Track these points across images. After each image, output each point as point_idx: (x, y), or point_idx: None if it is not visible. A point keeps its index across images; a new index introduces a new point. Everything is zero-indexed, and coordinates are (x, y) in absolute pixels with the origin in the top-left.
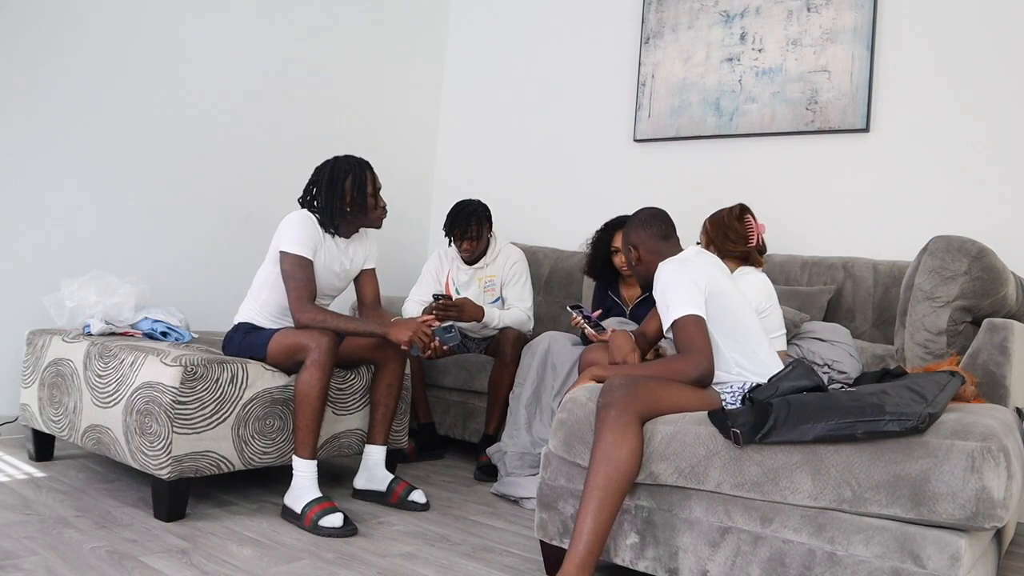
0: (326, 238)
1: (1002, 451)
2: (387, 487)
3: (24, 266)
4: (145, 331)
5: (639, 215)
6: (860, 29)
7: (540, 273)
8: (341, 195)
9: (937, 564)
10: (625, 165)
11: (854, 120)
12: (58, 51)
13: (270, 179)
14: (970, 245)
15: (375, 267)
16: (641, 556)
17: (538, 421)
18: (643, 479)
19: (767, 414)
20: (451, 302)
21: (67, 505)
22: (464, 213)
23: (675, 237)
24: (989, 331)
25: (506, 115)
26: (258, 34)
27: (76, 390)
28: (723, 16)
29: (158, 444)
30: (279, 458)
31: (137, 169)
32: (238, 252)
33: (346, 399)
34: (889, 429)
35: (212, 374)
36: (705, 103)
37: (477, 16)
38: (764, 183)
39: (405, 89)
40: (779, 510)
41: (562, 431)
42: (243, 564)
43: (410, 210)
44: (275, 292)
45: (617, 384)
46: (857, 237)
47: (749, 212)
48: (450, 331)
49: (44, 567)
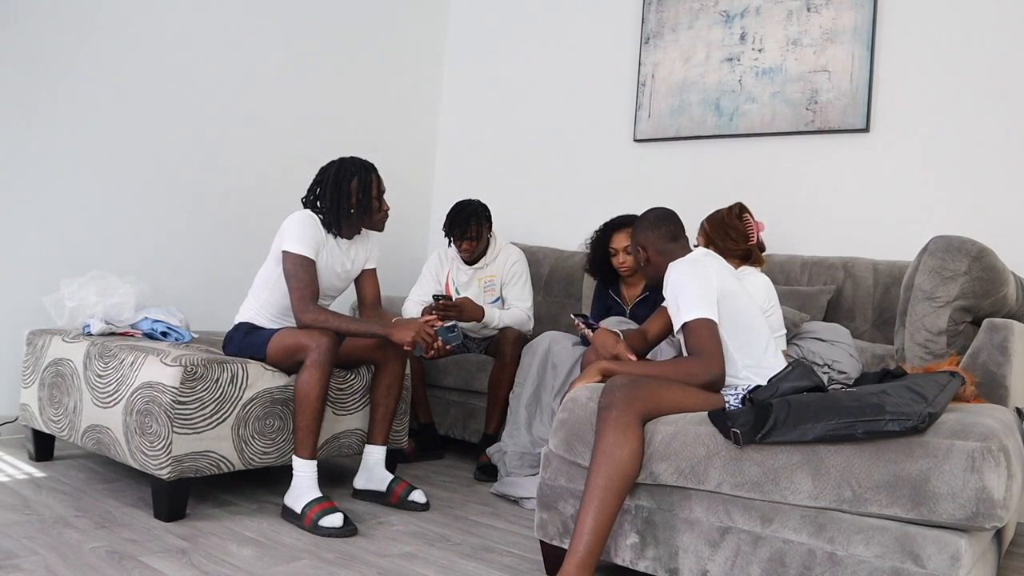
0: (328, 238)
1: (1002, 451)
2: (387, 487)
3: (24, 266)
4: (145, 331)
5: (648, 216)
6: (860, 29)
7: (540, 273)
8: (347, 196)
9: (937, 564)
10: (625, 165)
11: (854, 120)
12: (58, 51)
13: (270, 179)
14: (970, 245)
15: (376, 267)
16: (641, 556)
17: (538, 421)
18: (643, 479)
19: (767, 414)
20: (451, 302)
21: (67, 505)
22: (464, 213)
23: (684, 238)
24: (989, 331)
25: (506, 115)
26: (258, 34)
27: (76, 390)
28: (723, 16)
29: (158, 444)
30: (279, 458)
31: (137, 169)
32: (238, 252)
33: (346, 399)
34: (889, 429)
35: (212, 374)
36: (705, 103)
37: (477, 16)
38: (764, 183)
39: (405, 89)
40: (779, 510)
41: (562, 431)
42: (243, 564)
43: (410, 210)
44: (276, 292)
45: (618, 384)
46: (857, 237)
47: (747, 211)
48: (452, 331)
49: (44, 567)
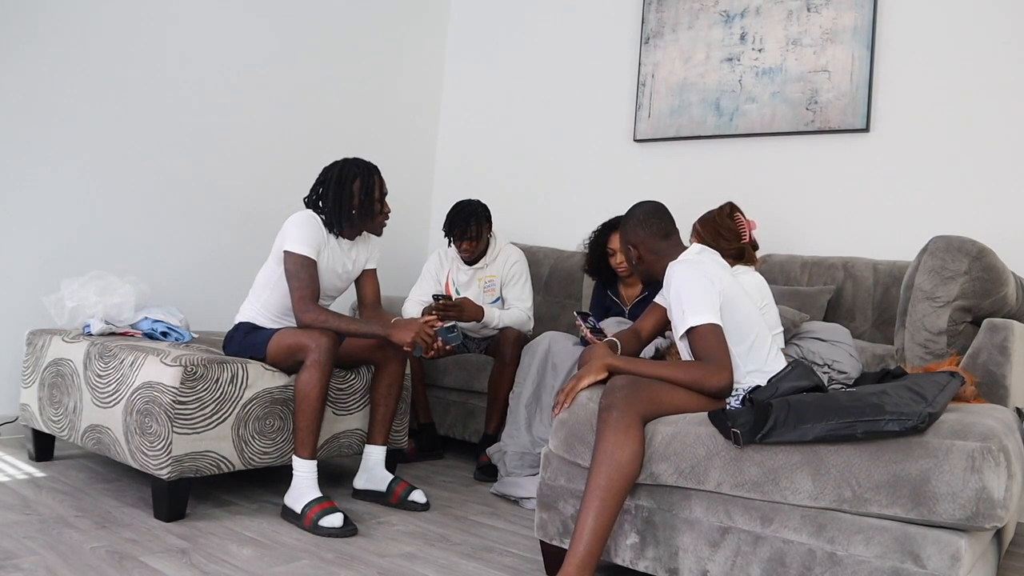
0: (330, 239)
1: (1002, 451)
2: (387, 487)
3: (24, 266)
4: (145, 331)
5: (635, 213)
6: (860, 29)
7: (540, 273)
8: (349, 197)
9: (937, 564)
10: (625, 165)
11: (854, 120)
12: (58, 50)
13: (270, 179)
14: (970, 245)
15: (376, 268)
16: (641, 556)
17: (538, 421)
18: (643, 479)
19: (767, 414)
20: (451, 302)
21: (67, 505)
22: (464, 213)
23: (676, 234)
24: (989, 331)
25: (506, 115)
26: (258, 34)
27: (76, 390)
28: (723, 16)
29: (158, 444)
30: (279, 458)
31: (137, 169)
32: (238, 252)
33: (346, 399)
34: (889, 429)
35: (212, 374)
36: (705, 103)
37: (477, 16)
38: (764, 183)
39: (405, 89)
40: (779, 510)
41: (562, 431)
42: (243, 564)
43: (410, 210)
44: (276, 292)
45: (619, 385)
46: (857, 237)
47: (738, 209)
48: (452, 331)
49: (44, 567)
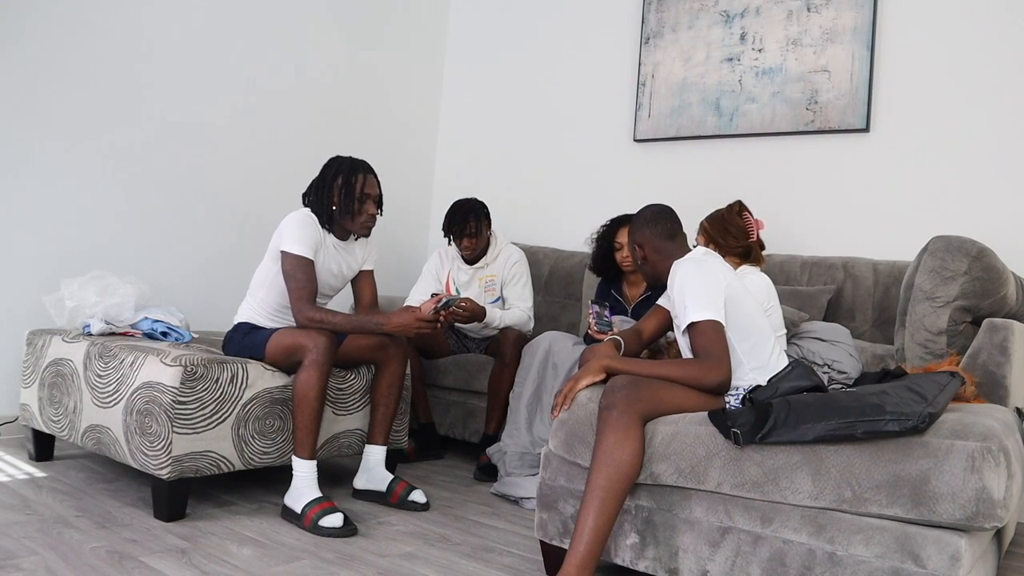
0: (327, 238)
1: (1002, 451)
2: (387, 487)
3: (24, 266)
4: (145, 331)
5: (644, 213)
6: (860, 29)
7: (540, 273)
8: (329, 194)
9: (937, 564)
10: (625, 165)
11: (854, 120)
12: (58, 52)
13: (270, 179)
14: (970, 245)
15: (374, 269)
16: (641, 556)
17: (538, 421)
18: (643, 479)
19: (767, 414)
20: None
21: (67, 505)
22: (462, 211)
23: (682, 235)
24: (989, 331)
25: (506, 115)
26: (257, 33)
27: (76, 390)
28: (723, 16)
29: (158, 444)
30: (279, 458)
31: (137, 169)
32: (238, 252)
33: (346, 399)
34: (889, 429)
35: (212, 374)
36: (705, 103)
37: (477, 16)
38: (764, 183)
39: (405, 89)
40: (779, 510)
41: (563, 431)
42: (243, 564)
43: (410, 210)
44: (272, 291)
45: (619, 385)
46: (857, 237)
47: (747, 209)
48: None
49: (44, 567)
